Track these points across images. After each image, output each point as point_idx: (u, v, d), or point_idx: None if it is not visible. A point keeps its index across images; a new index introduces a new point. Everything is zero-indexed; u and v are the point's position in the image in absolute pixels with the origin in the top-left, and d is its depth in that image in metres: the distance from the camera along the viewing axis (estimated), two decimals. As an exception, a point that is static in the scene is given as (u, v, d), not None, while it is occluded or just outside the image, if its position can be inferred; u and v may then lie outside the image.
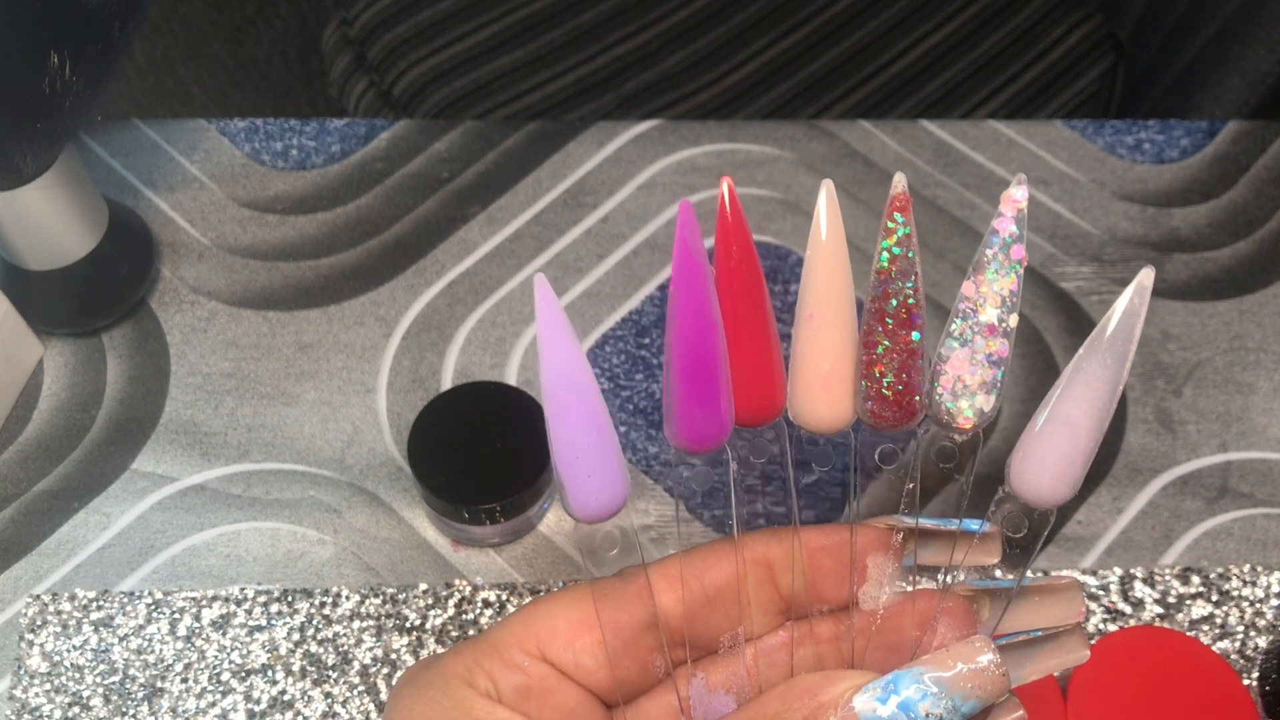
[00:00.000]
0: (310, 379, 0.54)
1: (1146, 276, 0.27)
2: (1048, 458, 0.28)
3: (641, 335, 0.55)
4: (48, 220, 0.50)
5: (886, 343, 0.29)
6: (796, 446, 0.32)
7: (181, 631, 0.47)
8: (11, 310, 0.51)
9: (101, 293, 0.53)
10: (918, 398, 0.30)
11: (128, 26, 0.45)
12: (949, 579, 0.31)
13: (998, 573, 0.31)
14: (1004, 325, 0.28)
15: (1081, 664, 0.31)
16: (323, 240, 0.58)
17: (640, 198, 0.59)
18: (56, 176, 0.48)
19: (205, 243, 0.58)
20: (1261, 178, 0.61)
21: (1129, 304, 0.27)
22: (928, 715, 0.27)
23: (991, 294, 0.28)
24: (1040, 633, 0.31)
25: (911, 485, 0.31)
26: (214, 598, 0.48)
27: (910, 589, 0.32)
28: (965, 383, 0.29)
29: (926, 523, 0.32)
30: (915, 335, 0.29)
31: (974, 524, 0.31)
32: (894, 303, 0.29)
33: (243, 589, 0.48)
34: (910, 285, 0.29)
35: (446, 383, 0.54)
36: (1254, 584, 0.49)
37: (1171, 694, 0.44)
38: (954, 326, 0.29)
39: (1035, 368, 0.55)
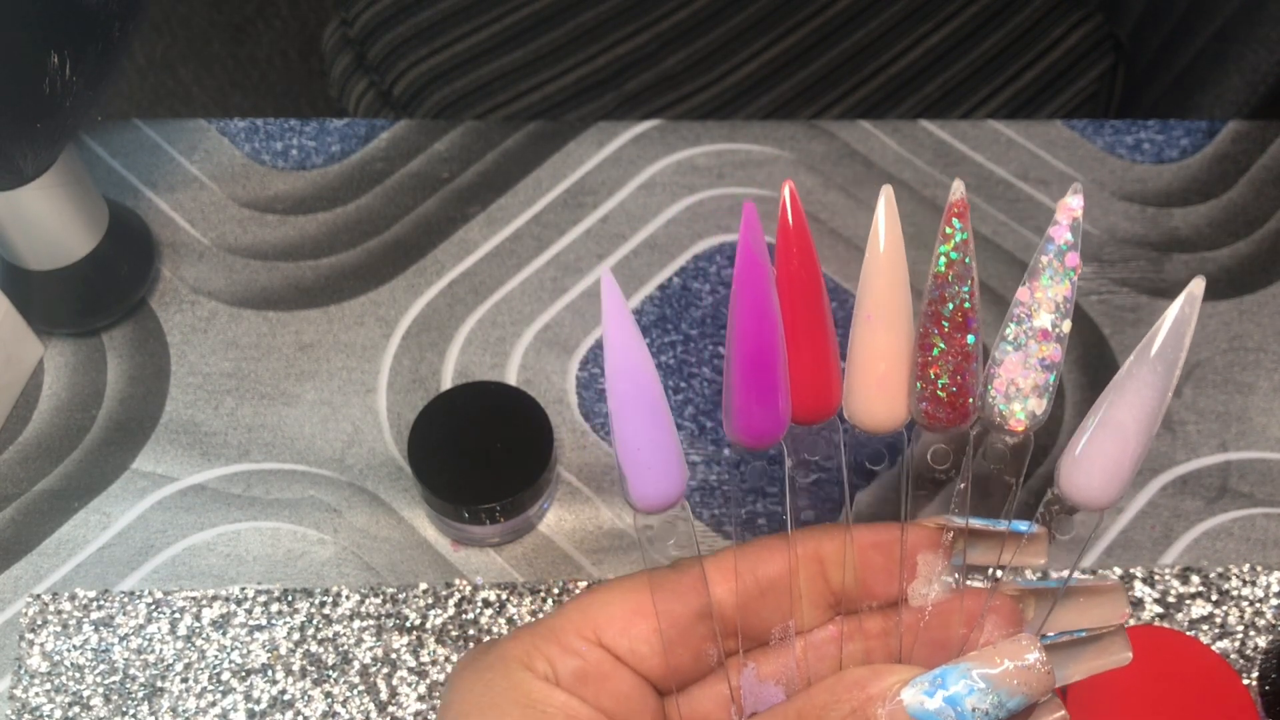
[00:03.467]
0: (310, 379, 0.54)
1: (1197, 286, 0.28)
2: (1097, 461, 0.29)
3: (642, 335, 0.55)
4: (48, 220, 0.50)
5: (942, 345, 0.30)
6: (850, 445, 0.33)
7: (182, 631, 0.48)
8: (12, 310, 0.51)
9: (102, 293, 0.53)
10: (971, 400, 0.30)
11: (128, 26, 0.45)
12: (997, 578, 0.32)
13: (1034, 573, 0.31)
14: (1057, 330, 0.29)
15: (1124, 665, 0.31)
16: (323, 240, 0.58)
17: (640, 198, 0.59)
18: (57, 176, 0.48)
19: (205, 243, 0.58)
20: (1261, 178, 0.61)
21: (1179, 313, 0.28)
22: (974, 710, 0.28)
23: (1046, 300, 0.29)
24: (1084, 633, 0.31)
25: (963, 485, 0.32)
26: (214, 597, 0.48)
27: (958, 586, 0.32)
28: (1018, 386, 0.29)
29: (976, 523, 0.32)
30: (970, 339, 0.30)
31: (1022, 525, 0.31)
32: (950, 306, 0.30)
33: (243, 589, 0.48)
34: (966, 289, 0.29)
35: (446, 383, 0.54)
36: (1253, 584, 0.49)
37: (1171, 694, 0.44)
38: (1008, 331, 0.29)
39: (1035, 367, 0.55)
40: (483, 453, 0.48)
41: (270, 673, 0.47)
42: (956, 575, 0.32)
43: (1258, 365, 0.55)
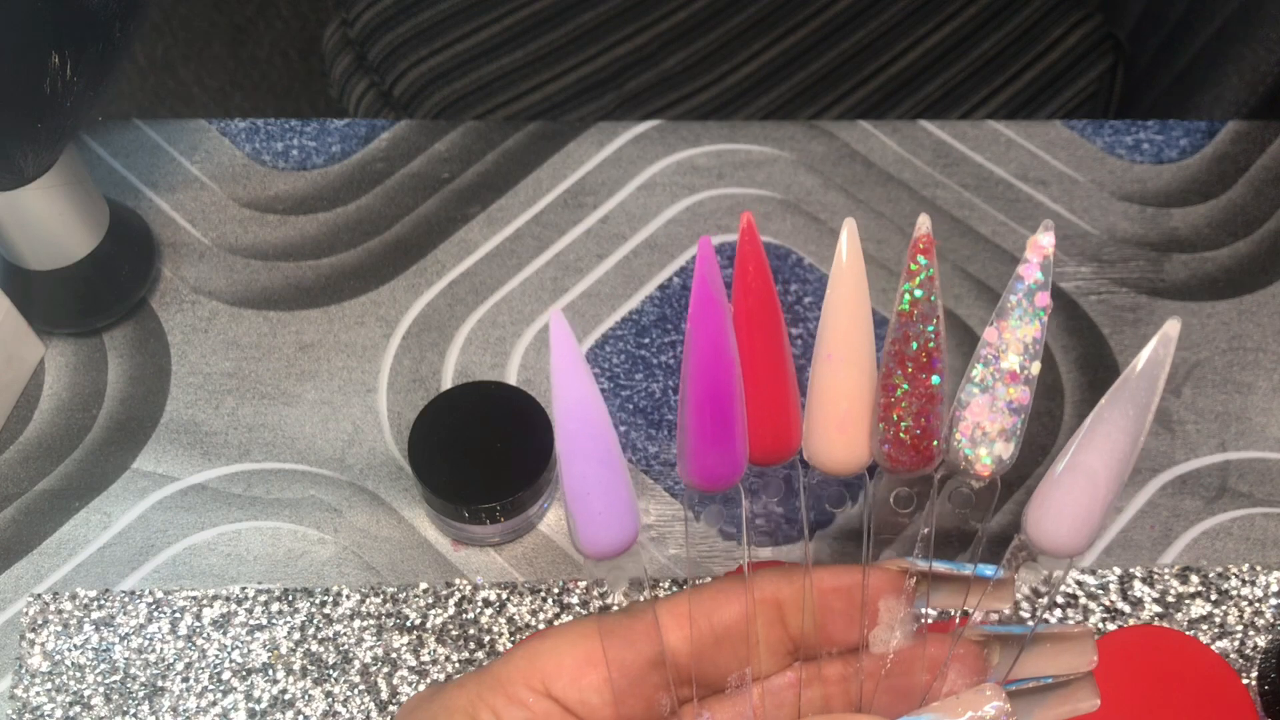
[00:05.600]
0: (311, 379, 0.54)
1: (1172, 328, 0.27)
2: (1066, 507, 0.28)
3: (641, 335, 0.55)
4: (49, 220, 0.50)
5: (906, 386, 0.29)
6: (809, 487, 0.32)
7: (182, 630, 0.48)
8: (12, 310, 0.51)
9: (102, 293, 0.53)
10: (936, 442, 0.29)
11: (129, 27, 0.46)
12: (961, 624, 0.31)
13: (998, 616, 0.31)
14: (1026, 373, 0.28)
15: (1092, 712, 0.31)
16: (323, 240, 0.58)
17: (640, 198, 0.59)
18: (57, 176, 0.49)
19: (206, 243, 0.58)
20: (1260, 178, 0.61)
21: (1153, 354, 0.27)
22: None
23: (1014, 340, 0.28)
24: (1050, 679, 0.31)
25: (926, 530, 0.31)
26: (215, 597, 0.48)
27: (922, 629, 0.31)
28: (985, 430, 0.28)
29: (940, 566, 0.31)
30: (935, 379, 0.29)
31: (988, 569, 0.31)
32: (914, 345, 0.29)
33: (243, 588, 0.49)
34: (931, 329, 0.28)
35: (446, 383, 0.54)
36: (1253, 583, 0.49)
37: (1170, 693, 0.44)
38: (975, 372, 0.28)
39: (1034, 367, 0.55)
40: (483, 453, 0.48)
41: (271, 672, 0.47)
42: (919, 621, 0.31)
43: (1257, 365, 0.55)
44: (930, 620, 0.31)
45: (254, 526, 0.50)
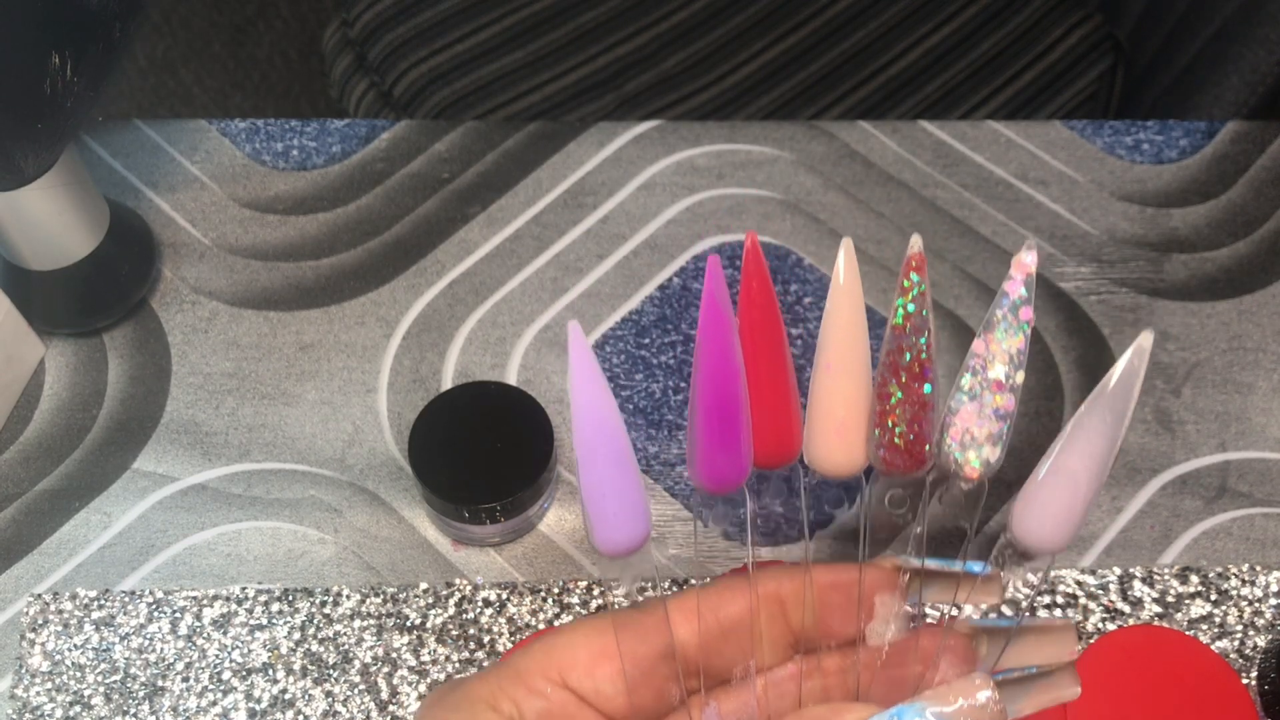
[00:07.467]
0: (311, 379, 0.54)
1: (1145, 339, 0.29)
2: (1049, 507, 0.30)
3: (641, 335, 0.55)
4: (49, 220, 0.50)
5: (899, 394, 0.31)
6: (810, 489, 0.33)
7: (182, 630, 0.48)
8: (13, 310, 0.51)
9: (103, 293, 0.53)
10: (928, 447, 0.31)
11: (129, 27, 0.46)
12: (951, 618, 0.32)
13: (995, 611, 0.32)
14: (1011, 382, 0.30)
15: (1073, 699, 0.32)
16: (323, 240, 0.58)
17: (640, 198, 0.59)
18: (58, 176, 0.49)
19: (206, 243, 0.58)
20: (1260, 178, 0.61)
21: (1128, 364, 0.29)
22: None
23: (1000, 352, 0.30)
24: (1034, 669, 0.32)
25: (919, 529, 0.32)
26: (215, 597, 0.48)
27: (914, 625, 0.33)
28: (973, 435, 0.30)
29: (932, 564, 0.33)
30: (927, 388, 0.30)
31: (976, 566, 0.32)
32: (908, 357, 0.30)
33: (244, 588, 0.49)
34: (923, 340, 0.30)
35: (447, 383, 0.54)
36: (1252, 583, 0.49)
37: (1170, 693, 0.44)
38: (964, 381, 0.30)
39: (1034, 367, 0.55)
40: (483, 453, 0.48)
41: (271, 672, 0.47)
42: (913, 615, 0.33)
43: (1257, 365, 0.55)
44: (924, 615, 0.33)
45: (254, 526, 0.50)
